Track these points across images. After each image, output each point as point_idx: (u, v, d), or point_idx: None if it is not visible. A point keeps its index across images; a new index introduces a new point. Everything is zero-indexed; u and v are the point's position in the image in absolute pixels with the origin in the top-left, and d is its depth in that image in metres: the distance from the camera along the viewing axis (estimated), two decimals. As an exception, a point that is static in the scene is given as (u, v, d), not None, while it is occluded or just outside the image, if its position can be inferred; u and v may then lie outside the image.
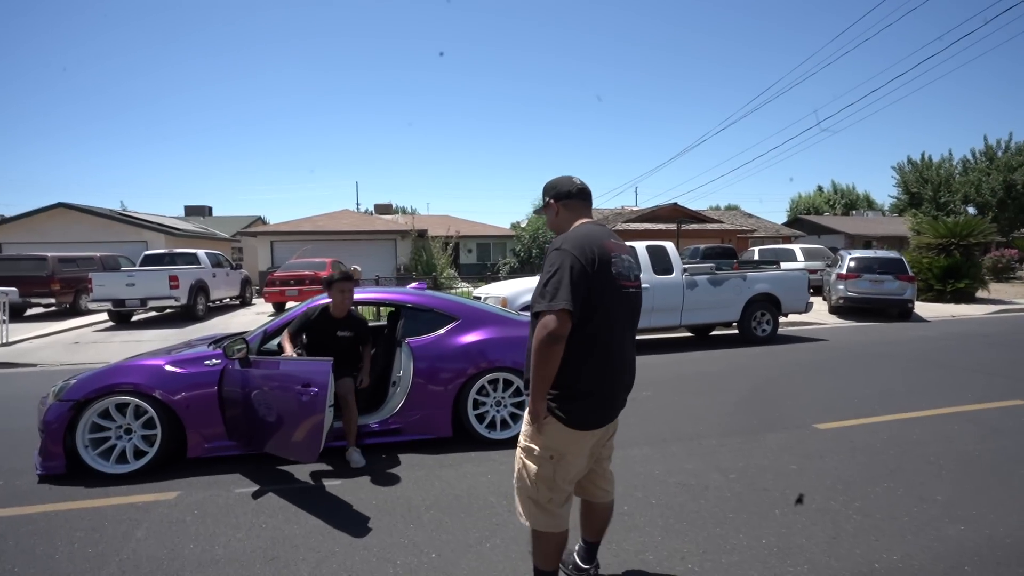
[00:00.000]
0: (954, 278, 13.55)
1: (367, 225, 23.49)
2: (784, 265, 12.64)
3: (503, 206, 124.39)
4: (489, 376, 4.03)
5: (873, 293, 11.56)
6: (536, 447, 1.89)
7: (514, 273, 24.96)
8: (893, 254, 12.14)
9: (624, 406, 2.04)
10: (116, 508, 3.06)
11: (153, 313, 13.14)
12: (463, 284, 15.00)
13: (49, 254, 13.21)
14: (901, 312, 11.66)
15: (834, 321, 11.37)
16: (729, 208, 46.51)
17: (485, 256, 28.42)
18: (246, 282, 16.48)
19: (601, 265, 1.81)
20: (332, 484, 3.35)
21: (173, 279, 12.03)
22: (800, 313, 9.34)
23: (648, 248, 8.59)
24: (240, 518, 2.93)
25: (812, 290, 10.73)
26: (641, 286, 2.07)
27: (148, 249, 16.61)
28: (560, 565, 2.13)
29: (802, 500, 2.94)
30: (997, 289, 16.29)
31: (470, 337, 4.10)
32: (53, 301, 12.99)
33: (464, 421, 3.99)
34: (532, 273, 22.26)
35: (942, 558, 2.47)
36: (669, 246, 8.77)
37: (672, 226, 25.11)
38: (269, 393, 3.30)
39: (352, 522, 2.86)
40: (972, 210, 23.11)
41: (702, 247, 17.41)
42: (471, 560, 2.49)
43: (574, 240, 1.83)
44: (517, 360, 4.06)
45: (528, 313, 4.89)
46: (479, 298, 8.00)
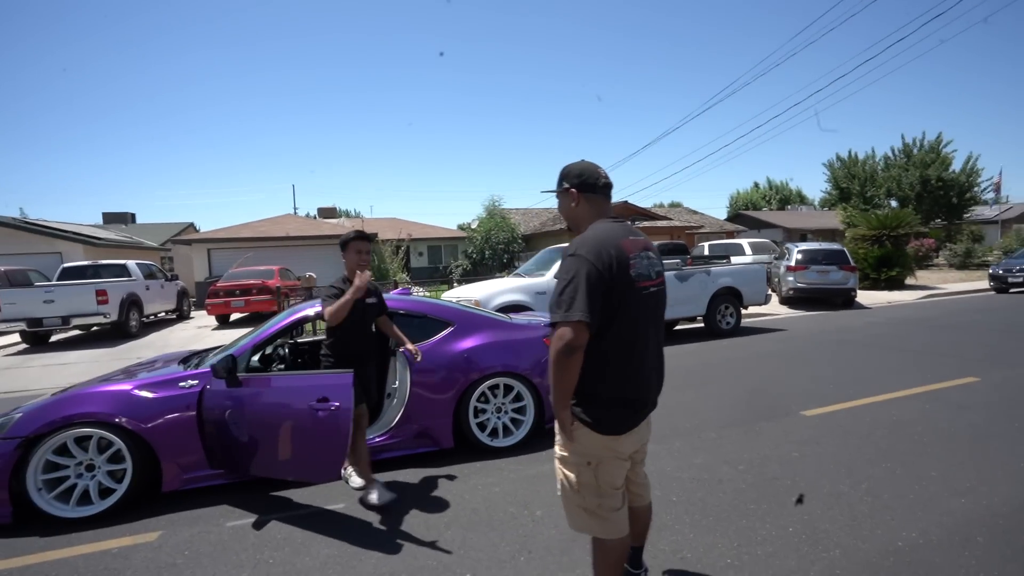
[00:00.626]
0: (887, 267, 14.63)
1: (313, 230, 22.50)
2: (734, 259, 13.18)
3: (452, 207, 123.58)
4: (489, 382, 3.90)
5: (820, 283, 12.27)
6: (570, 455, 1.83)
7: (467, 276, 24.76)
8: (836, 246, 12.94)
9: (655, 407, 1.96)
10: (87, 558, 2.69)
11: (76, 332, 11.97)
12: (418, 288, 14.63)
13: (-65, 271, 11.69)
14: (845, 300, 12.44)
15: (786, 311, 11.96)
16: (673, 205, 48.19)
17: (437, 259, 28.00)
18: (183, 294, 15.34)
19: (620, 269, 1.73)
20: (337, 507, 3.12)
21: (101, 293, 10.94)
22: (760, 305, 9.76)
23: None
24: (241, 555, 2.65)
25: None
26: (664, 282, 2.00)
27: (64, 261, 15.14)
28: None
29: (802, 500, 2.95)
30: (921, 276, 17.74)
31: (467, 342, 3.95)
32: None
33: (465, 430, 3.84)
34: (485, 275, 22.16)
35: (954, 532, 2.59)
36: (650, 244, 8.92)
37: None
38: (270, 412, 3.02)
39: (371, 548, 2.66)
40: (894, 203, 25.20)
41: (655, 244, 17.89)
42: (509, 577, 2.37)
43: (590, 244, 1.74)
44: (516, 364, 3.96)
45: (517, 316, 4.85)
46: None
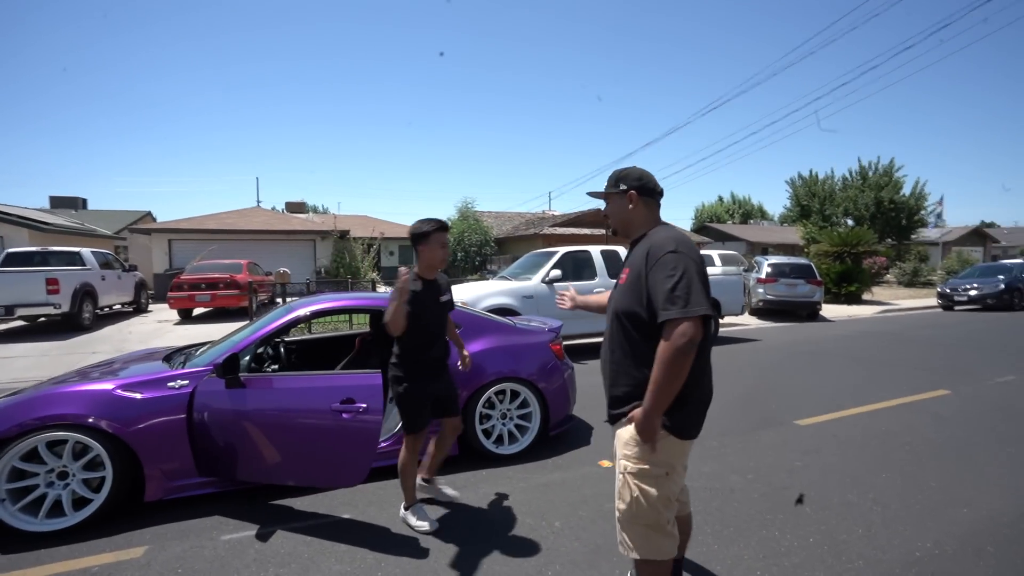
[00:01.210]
0: (847, 282, 15.33)
1: (282, 224, 21.76)
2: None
3: (420, 208, 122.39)
4: (496, 387, 3.79)
5: (788, 296, 12.72)
6: (651, 467, 1.76)
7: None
8: (804, 261, 13.46)
9: None
10: (64, 576, 2.43)
11: (21, 323, 11.13)
12: (380, 286, 14.24)
13: None
14: (810, 313, 12.94)
15: (755, 322, 12.32)
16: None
17: (408, 259, 27.57)
18: (141, 286, 14.50)
19: (705, 269, 1.77)
20: (345, 516, 2.94)
21: (52, 282, 10.21)
22: (736, 315, 10.00)
23: (602, 253, 8.75)
24: (242, 572, 2.45)
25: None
26: None
27: (7, 247, 14.06)
28: None
29: (802, 500, 2.98)
30: (875, 292, 18.67)
31: (474, 346, 3.83)
32: None
33: (471, 436, 3.72)
34: (458, 277, 21.94)
35: (965, 542, 2.65)
36: (622, 251, 8.99)
37: (597, 231, 26.04)
38: (284, 415, 2.82)
39: (388, 564, 2.50)
40: (850, 222, 26.55)
41: (629, 252, 18.14)
42: (541, 594, 2.26)
43: (684, 242, 1.75)
44: (522, 369, 3.88)
45: (517, 320, 4.75)
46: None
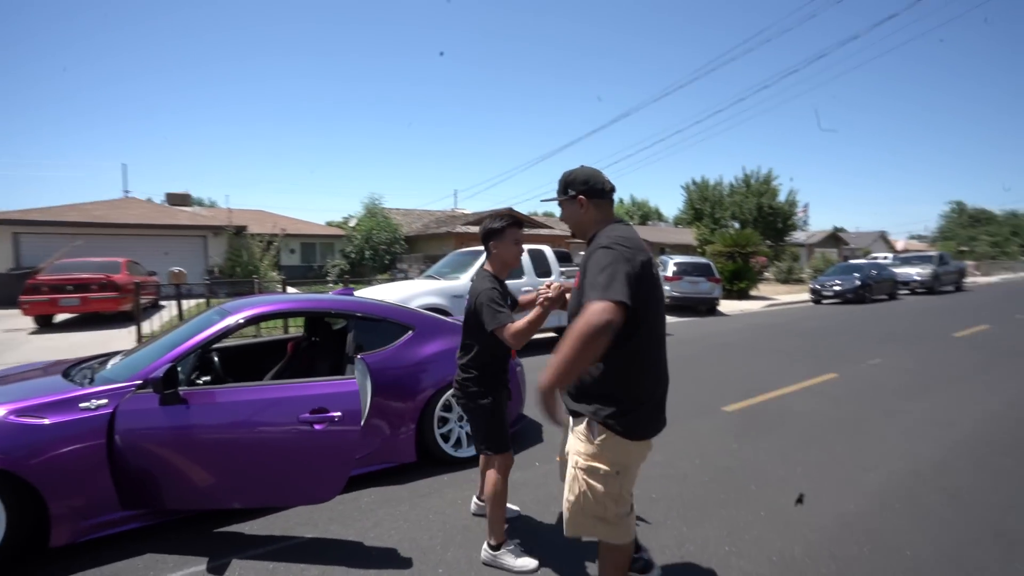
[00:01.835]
0: (738, 279, 17.02)
1: (166, 218, 19.46)
2: None
3: (322, 203, 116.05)
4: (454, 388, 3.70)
5: (691, 292, 13.81)
6: (602, 466, 1.79)
7: (344, 276, 23.42)
8: (704, 260, 14.69)
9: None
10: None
11: None
12: (289, 289, 13.16)
13: None
14: (709, 308, 14.17)
15: (664, 316, 13.25)
16: (547, 215, 50.67)
17: (311, 257, 26.03)
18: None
19: (648, 267, 1.77)
20: (307, 537, 2.70)
21: None
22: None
23: (529, 252, 8.88)
24: (201, 609, 2.16)
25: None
26: None
27: None
28: None
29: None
30: (759, 288, 20.90)
31: (430, 347, 3.72)
32: None
33: (429, 442, 3.60)
34: (364, 277, 21.09)
35: (878, 500, 3.08)
36: (547, 249, 9.20)
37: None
38: (239, 431, 2.51)
39: (369, 581, 2.34)
40: (737, 224, 29.46)
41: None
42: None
43: (623, 239, 1.76)
44: (480, 369, 3.82)
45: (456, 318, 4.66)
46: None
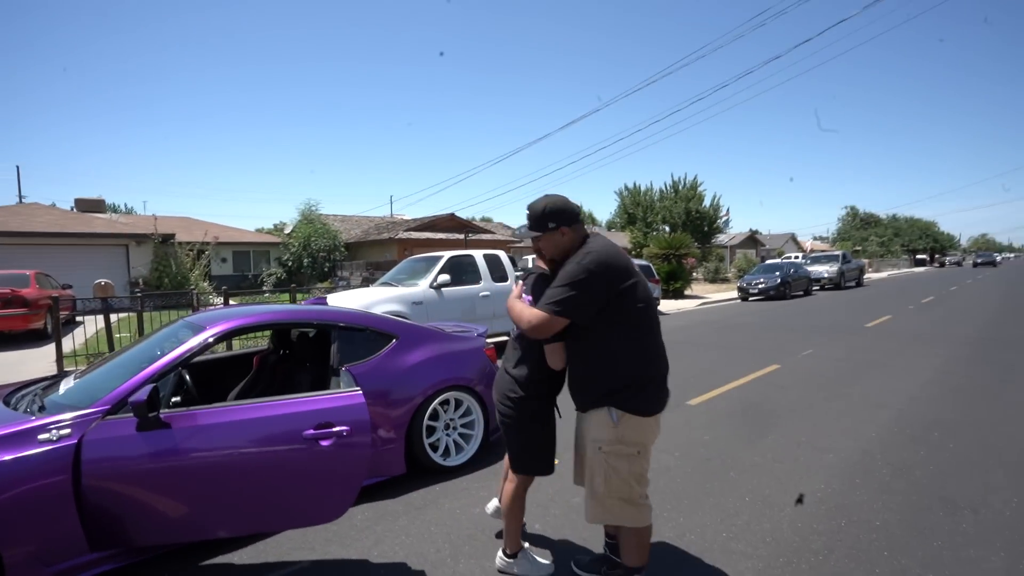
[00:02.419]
0: (673, 280, 17.94)
1: (81, 226, 17.59)
2: None
3: (255, 210, 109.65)
4: (441, 397, 3.66)
5: (633, 293, 14.41)
6: (624, 447, 1.97)
7: (281, 285, 22.32)
8: (644, 262, 15.36)
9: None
10: None
11: None
12: (219, 298, 12.16)
13: None
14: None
15: (610, 317, 13.72)
16: (484, 219, 50.87)
17: (244, 266, 24.53)
18: None
19: (630, 268, 2.02)
20: (308, 561, 2.57)
21: None
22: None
23: (485, 256, 8.91)
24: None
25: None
26: None
27: None
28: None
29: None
30: (692, 288, 22.14)
31: (414, 356, 3.65)
32: None
33: (417, 452, 3.53)
34: (303, 285, 20.17)
35: (842, 478, 3.37)
36: (502, 255, 9.26)
37: (451, 235, 26.23)
38: (234, 454, 2.32)
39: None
40: (667, 228, 31.07)
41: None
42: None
43: (594, 253, 1.98)
44: (464, 376, 3.81)
45: (443, 325, 4.60)
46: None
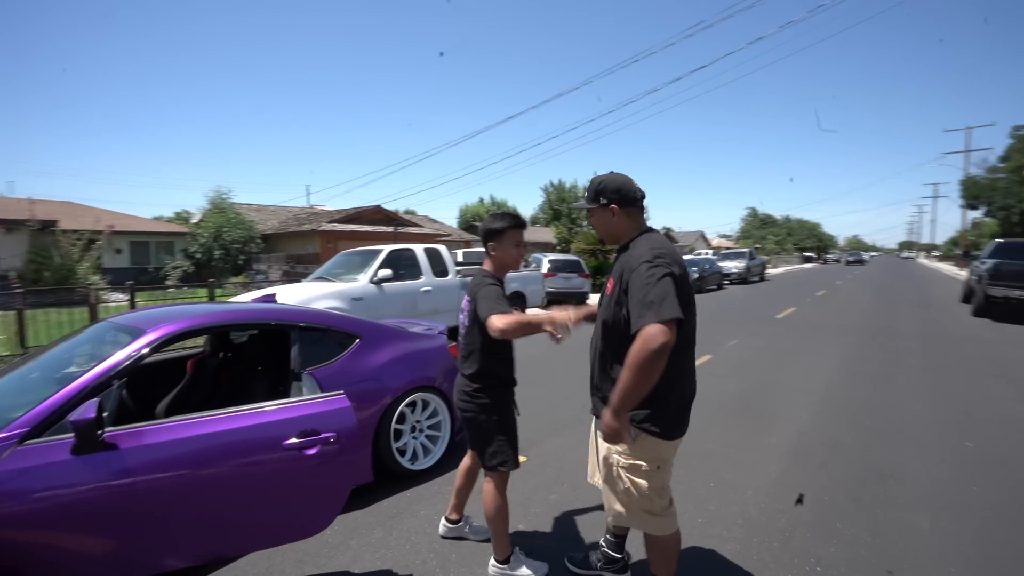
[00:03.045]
0: (600, 274, 18.54)
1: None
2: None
3: (150, 196, 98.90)
4: (408, 399, 3.51)
5: (565, 288, 14.73)
6: (642, 463, 1.86)
7: (188, 279, 20.44)
8: (575, 258, 15.76)
9: None
10: None
11: None
12: (114, 294, 10.50)
13: None
14: (580, 302, 15.23)
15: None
16: (407, 212, 49.56)
17: (143, 258, 22.06)
18: None
19: (686, 274, 1.83)
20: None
21: None
22: (539, 307, 11.14)
23: (426, 251, 8.70)
24: None
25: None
26: None
27: None
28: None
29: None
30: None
31: (380, 356, 3.46)
32: None
33: (385, 458, 3.36)
34: (215, 280, 18.53)
35: (795, 463, 3.67)
36: (443, 249, 9.08)
37: (378, 228, 25.36)
38: (201, 473, 2.04)
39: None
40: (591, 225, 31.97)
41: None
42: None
43: (663, 252, 1.81)
44: (430, 376, 3.67)
45: (403, 322, 4.40)
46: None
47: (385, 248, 8.21)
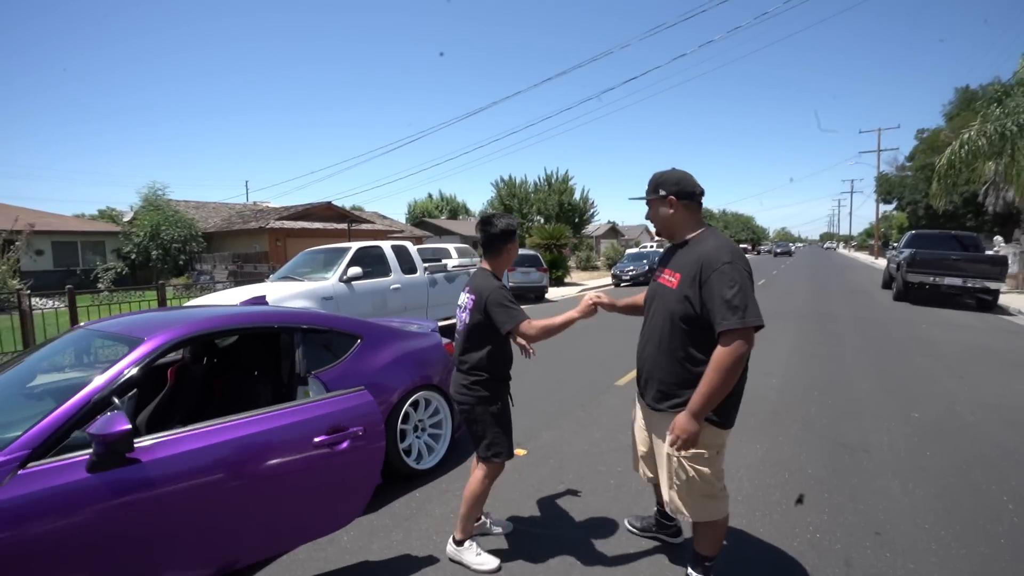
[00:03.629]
0: (555, 268, 18.88)
1: None
2: (447, 262, 14.56)
3: (74, 192, 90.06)
4: (412, 399, 3.49)
5: (524, 282, 14.88)
6: (703, 450, 1.99)
7: (122, 282, 18.99)
8: (534, 252, 15.94)
9: None
10: None
11: None
12: (32, 299, 9.22)
13: None
14: (538, 295, 15.46)
15: (505, 306, 14.03)
16: (355, 208, 48.14)
17: (70, 259, 20.19)
18: None
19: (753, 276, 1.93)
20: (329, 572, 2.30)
21: None
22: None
23: (393, 248, 8.56)
24: None
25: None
26: None
27: None
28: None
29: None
30: (570, 276, 23.50)
31: (382, 356, 3.42)
32: None
33: (392, 459, 3.32)
34: (149, 280, 17.34)
35: (773, 432, 3.95)
36: (410, 246, 8.96)
37: (328, 224, 24.52)
38: (236, 477, 1.98)
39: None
40: (541, 220, 32.41)
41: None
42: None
43: (737, 252, 1.91)
44: (431, 374, 3.67)
45: (395, 321, 4.33)
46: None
47: (353, 246, 8.01)
